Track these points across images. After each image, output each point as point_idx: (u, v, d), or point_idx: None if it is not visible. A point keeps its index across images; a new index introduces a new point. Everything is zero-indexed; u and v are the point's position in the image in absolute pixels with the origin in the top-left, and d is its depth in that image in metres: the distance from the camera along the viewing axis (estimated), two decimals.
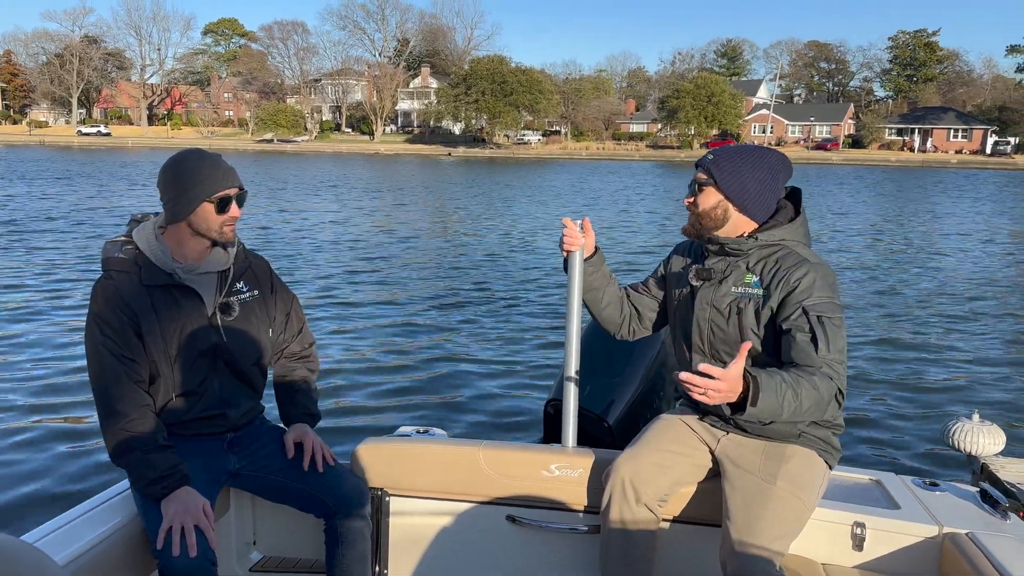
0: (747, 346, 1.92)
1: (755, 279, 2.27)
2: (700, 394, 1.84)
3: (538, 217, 23.62)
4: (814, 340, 2.10)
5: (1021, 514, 2.41)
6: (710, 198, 2.34)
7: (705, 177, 2.35)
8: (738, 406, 1.92)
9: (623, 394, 3.11)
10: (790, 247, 2.30)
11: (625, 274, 13.47)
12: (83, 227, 18.53)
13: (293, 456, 2.49)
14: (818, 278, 2.19)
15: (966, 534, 2.27)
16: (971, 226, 23.08)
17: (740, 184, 2.31)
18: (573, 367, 2.61)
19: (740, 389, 1.88)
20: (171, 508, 2.14)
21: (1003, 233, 21.59)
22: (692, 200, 2.39)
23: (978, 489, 2.53)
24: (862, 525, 2.36)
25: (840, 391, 2.08)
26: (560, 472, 2.54)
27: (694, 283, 2.39)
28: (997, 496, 2.43)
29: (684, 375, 1.84)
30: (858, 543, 2.37)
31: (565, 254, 2.56)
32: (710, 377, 1.82)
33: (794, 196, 2.44)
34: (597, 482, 2.48)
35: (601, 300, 2.60)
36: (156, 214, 2.43)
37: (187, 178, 2.28)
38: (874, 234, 20.73)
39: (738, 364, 1.87)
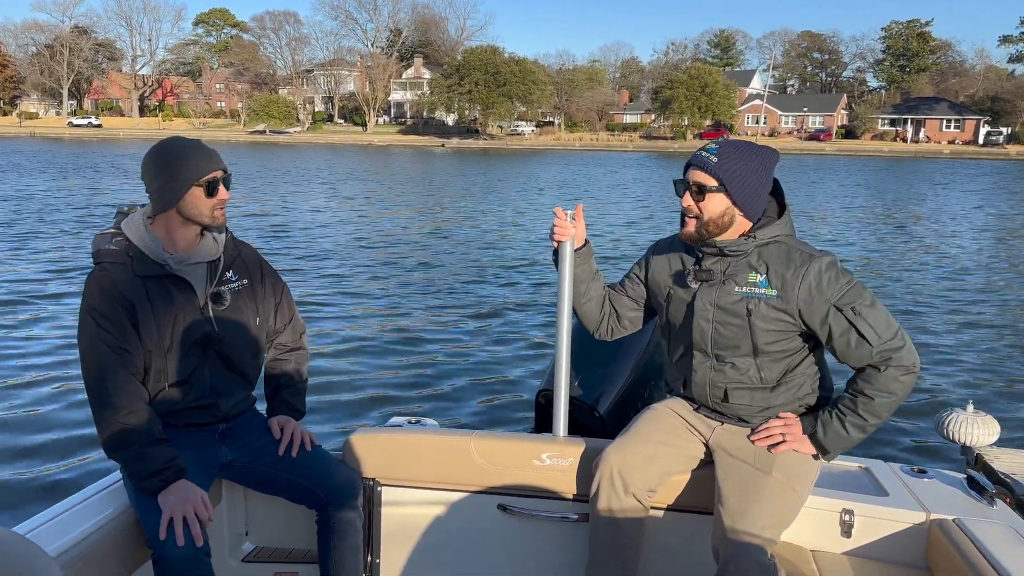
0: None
1: (761, 279, 2.24)
2: (782, 439, 2.28)
3: (529, 208, 23.61)
4: (861, 335, 2.15)
5: (1008, 500, 2.43)
6: (718, 204, 2.24)
7: (715, 183, 2.23)
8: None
9: (614, 384, 3.11)
10: (785, 242, 2.28)
11: (616, 264, 13.48)
12: (76, 219, 18.44)
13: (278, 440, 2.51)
14: (828, 269, 2.20)
15: (953, 520, 2.29)
16: (964, 216, 23.16)
17: (748, 188, 2.24)
18: (564, 357, 2.62)
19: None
20: (170, 500, 2.15)
21: (997, 223, 21.67)
22: (696, 204, 2.26)
23: (965, 476, 2.55)
24: (850, 512, 2.38)
25: (906, 368, 2.18)
26: (551, 461, 2.55)
27: (693, 285, 2.34)
28: (984, 483, 2.45)
29: (760, 430, 2.35)
30: (846, 529, 2.39)
31: (556, 245, 2.55)
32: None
33: (775, 188, 2.39)
34: (588, 471, 2.49)
35: (583, 295, 2.57)
36: (142, 206, 2.42)
37: (174, 164, 2.27)
38: (867, 224, 20.78)
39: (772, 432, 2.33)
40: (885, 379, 2.18)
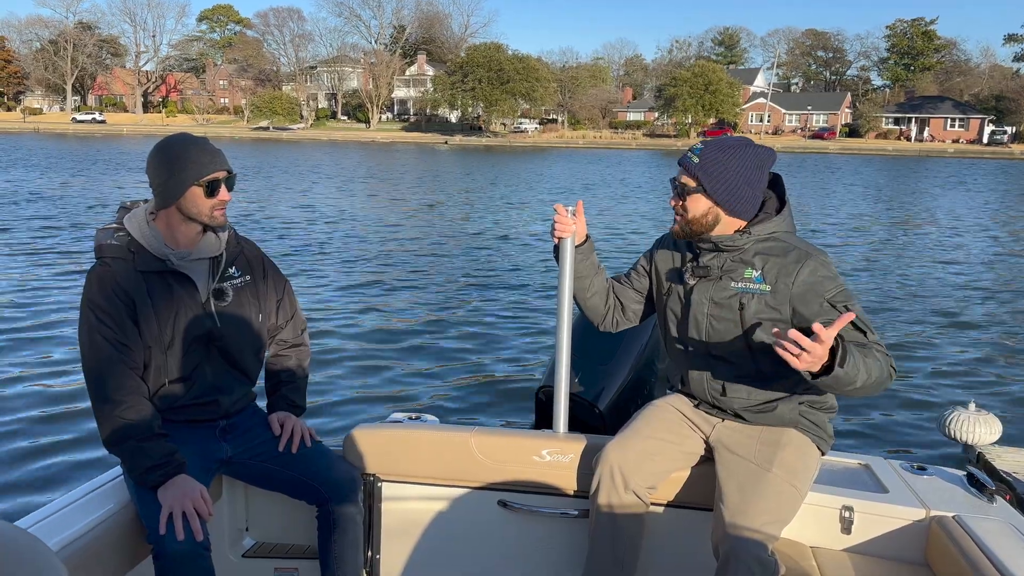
0: (849, 316, 1.97)
1: (756, 274, 2.25)
2: (795, 355, 1.93)
3: (531, 205, 23.60)
4: (859, 328, 2.16)
5: (1008, 497, 2.43)
6: (699, 204, 2.28)
7: (694, 184, 2.27)
8: (817, 372, 2.01)
9: (614, 380, 3.11)
10: (783, 238, 2.29)
11: (618, 261, 13.47)
12: (78, 214, 18.47)
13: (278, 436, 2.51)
14: (824, 268, 2.21)
15: (953, 517, 2.29)
16: (968, 215, 23.10)
17: (728, 189, 2.25)
18: (564, 353, 2.62)
19: (826, 357, 1.96)
20: (169, 494, 2.15)
21: (1002, 222, 21.62)
22: (680, 204, 2.32)
23: (965, 473, 2.55)
24: (850, 509, 2.38)
25: (892, 366, 2.15)
26: (551, 457, 2.55)
27: (690, 280, 2.36)
28: (984, 480, 2.45)
29: (793, 333, 1.92)
30: (846, 526, 2.39)
31: (556, 241, 2.55)
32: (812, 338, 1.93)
33: (776, 184, 2.41)
34: (588, 467, 2.49)
35: (587, 289, 2.58)
36: (145, 201, 2.42)
37: (175, 162, 2.26)
38: (870, 223, 20.74)
39: (832, 332, 1.94)
40: (884, 359, 2.11)
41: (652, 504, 2.45)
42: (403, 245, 15.22)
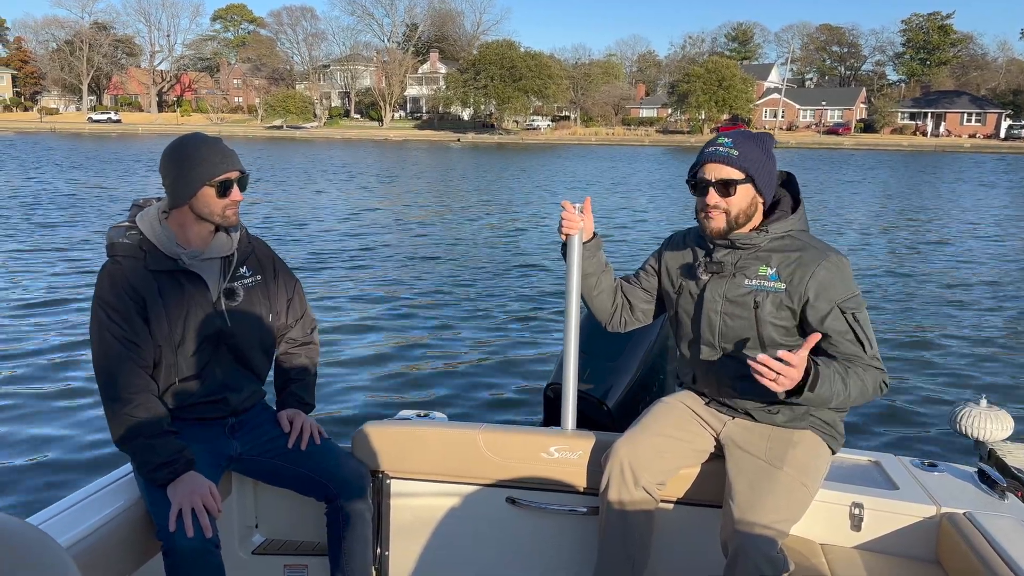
0: (816, 337, 2.07)
1: (771, 272, 2.24)
2: (771, 379, 2.00)
3: (541, 202, 23.58)
4: (859, 341, 2.19)
5: (1019, 494, 2.41)
6: (745, 196, 2.25)
7: (742, 176, 2.23)
8: (792, 391, 2.07)
9: (622, 377, 3.11)
10: (799, 237, 2.29)
11: (630, 260, 13.45)
12: (91, 212, 18.60)
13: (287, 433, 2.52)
14: (839, 271, 2.21)
15: (963, 514, 2.27)
16: (982, 211, 22.89)
17: (769, 176, 2.28)
18: (572, 351, 2.62)
19: (801, 376, 2.04)
20: (178, 491, 2.16)
21: (1014, 218, 21.41)
22: (722, 200, 2.24)
23: (976, 470, 2.53)
24: (860, 506, 2.37)
25: (885, 382, 2.21)
26: (559, 454, 2.55)
27: (703, 276, 2.35)
28: (995, 476, 2.43)
29: (762, 357, 1.99)
30: (856, 523, 2.38)
31: (564, 238, 2.55)
32: (784, 363, 1.99)
33: (790, 183, 2.41)
34: (596, 464, 2.49)
35: (594, 287, 2.58)
36: (159, 199, 2.43)
37: (187, 162, 2.27)
38: (884, 219, 20.60)
39: (804, 351, 2.03)
40: (873, 376, 2.19)
41: (661, 501, 2.45)
42: (412, 243, 15.25)
